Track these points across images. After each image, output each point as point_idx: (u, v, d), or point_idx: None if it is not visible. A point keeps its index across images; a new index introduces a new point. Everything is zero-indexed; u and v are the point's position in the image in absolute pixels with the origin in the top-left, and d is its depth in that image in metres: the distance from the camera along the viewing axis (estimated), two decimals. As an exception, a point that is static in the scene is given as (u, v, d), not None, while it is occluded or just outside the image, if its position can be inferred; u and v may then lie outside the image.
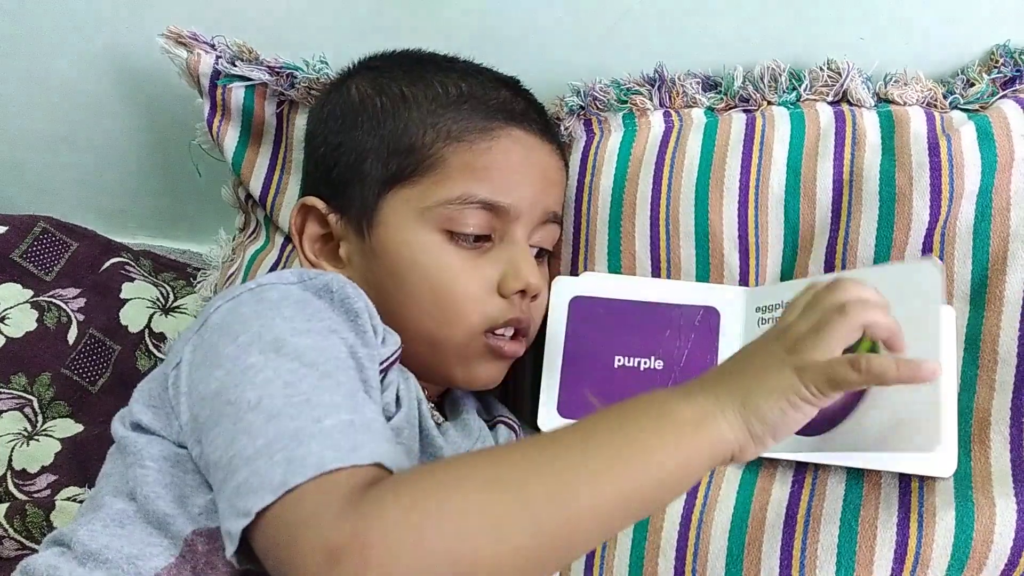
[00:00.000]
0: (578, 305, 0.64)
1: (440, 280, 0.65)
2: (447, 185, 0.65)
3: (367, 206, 0.67)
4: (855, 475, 0.63)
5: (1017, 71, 0.72)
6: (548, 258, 0.74)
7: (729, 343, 0.67)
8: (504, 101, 0.69)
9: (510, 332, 0.67)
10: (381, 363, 0.58)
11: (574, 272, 0.75)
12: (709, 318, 0.67)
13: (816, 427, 0.61)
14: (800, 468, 0.64)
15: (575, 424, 0.47)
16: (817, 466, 0.64)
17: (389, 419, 0.58)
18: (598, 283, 0.65)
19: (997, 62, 0.73)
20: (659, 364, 0.64)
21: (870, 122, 0.72)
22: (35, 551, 0.59)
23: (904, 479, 0.62)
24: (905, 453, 0.59)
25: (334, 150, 0.69)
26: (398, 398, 0.60)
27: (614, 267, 0.73)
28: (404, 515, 0.41)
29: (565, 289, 0.65)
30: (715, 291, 0.69)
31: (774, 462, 0.65)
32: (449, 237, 0.65)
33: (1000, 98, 0.71)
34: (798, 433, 0.61)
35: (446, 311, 0.65)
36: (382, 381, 0.59)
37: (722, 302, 0.68)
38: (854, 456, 0.62)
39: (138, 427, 0.58)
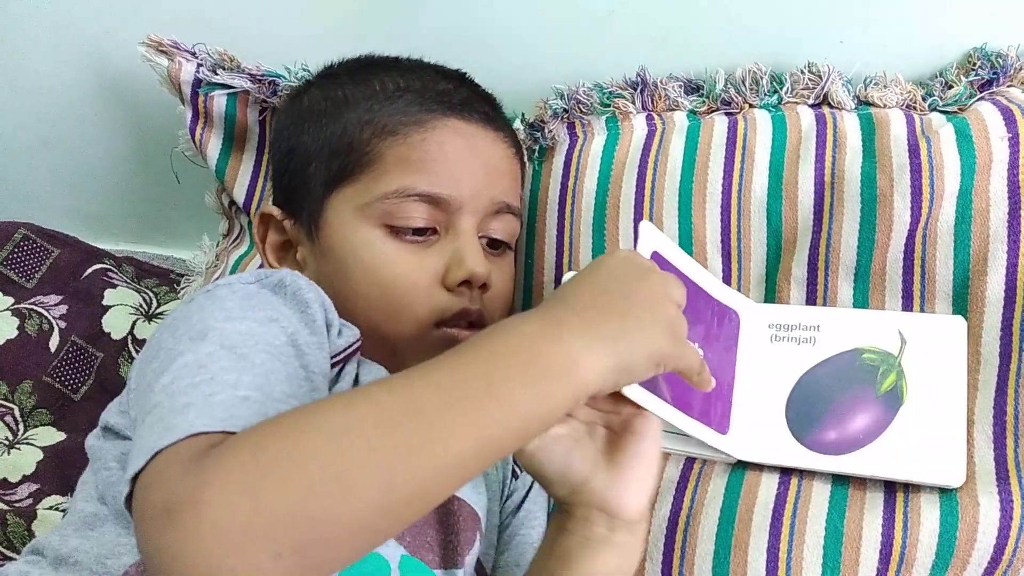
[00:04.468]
0: (655, 261, 0.59)
1: (383, 274, 0.65)
2: (385, 179, 0.65)
3: (314, 208, 0.67)
4: (840, 476, 0.63)
5: (994, 73, 0.72)
6: (526, 258, 0.74)
7: (743, 352, 0.66)
8: (443, 92, 0.69)
9: (462, 324, 0.66)
10: (336, 354, 0.58)
11: (558, 276, 0.75)
12: (734, 320, 0.67)
13: (838, 450, 0.62)
14: (786, 470, 0.64)
15: (437, 364, 0.43)
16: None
17: None
18: (674, 250, 0.61)
19: (974, 65, 0.74)
20: (701, 352, 0.61)
21: (851, 124, 0.73)
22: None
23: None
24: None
25: (285, 157, 0.71)
26: (357, 387, 0.59)
27: (598, 269, 0.73)
28: (241, 470, 0.37)
29: (650, 237, 0.59)
30: (736, 296, 0.68)
31: (761, 464, 0.65)
32: (390, 231, 0.65)
33: (978, 100, 0.72)
34: (818, 452, 0.63)
35: (392, 305, 0.64)
36: (339, 372, 0.59)
37: (742, 308, 0.68)
38: (860, 467, 0.62)
39: (107, 430, 0.59)
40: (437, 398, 0.41)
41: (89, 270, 0.94)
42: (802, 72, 0.77)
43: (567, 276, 0.70)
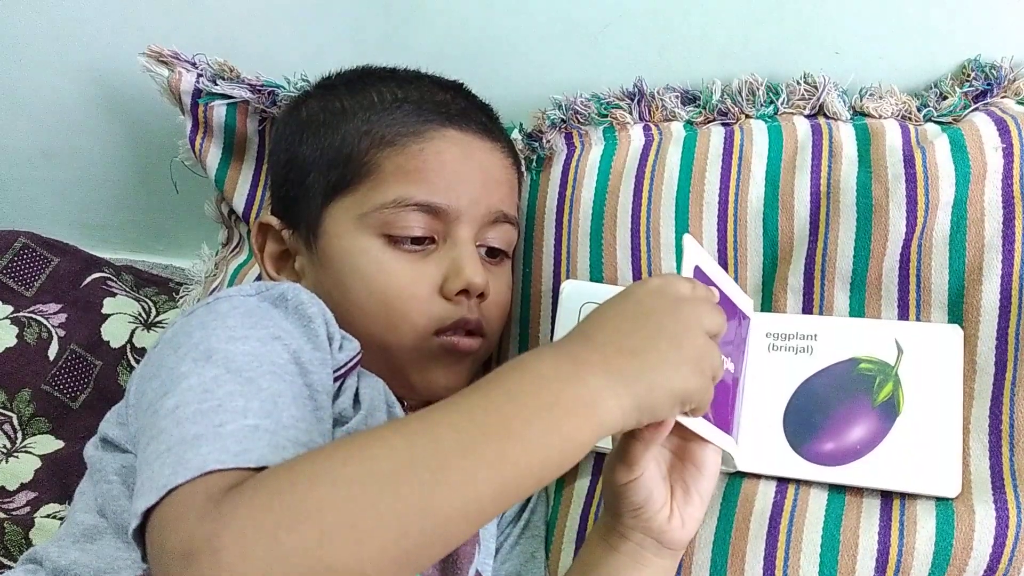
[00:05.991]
0: (696, 277, 0.58)
1: (381, 284, 0.65)
2: (382, 190, 0.65)
3: (312, 218, 0.67)
4: (837, 485, 0.63)
5: (988, 85, 0.73)
6: (524, 267, 0.74)
7: (751, 360, 0.66)
8: (440, 103, 0.69)
9: (461, 333, 0.67)
10: (337, 368, 0.58)
11: (555, 285, 0.75)
12: (746, 326, 0.66)
13: (835, 460, 0.62)
14: (783, 478, 0.64)
15: (453, 406, 0.43)
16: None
17: (346, 422, 0.58)
18: (711, 264, 0.60)
19: (969, 76, 0.75)
20: (731, 366, 0.61)
21: (846, 135, 0.73)
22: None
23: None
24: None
25: (283, 167, 0.71)
26: (357, 402, 0.60)
27: (596, 278, 0.73)
28: (259, 515, 0.38)
29: (694, 252, 0.58)
30: (746, 301, 0.67)
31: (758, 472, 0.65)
32: (389, 241, 0.65)
33: (972, 111, 0.72)
34: (815, 463, 0.63)
35: (391, 315, 0.65)
36: (340, 386, 0.59)
37: (750, 313, 0.67)
38: (857, 478, 0.62)
39: (105, 442, 0.59)
40: (454, 443, 0.41)
41: (88, 279, 0.95)
42: (798, 83, 0.78)
43: (564, 284, 0.70)
